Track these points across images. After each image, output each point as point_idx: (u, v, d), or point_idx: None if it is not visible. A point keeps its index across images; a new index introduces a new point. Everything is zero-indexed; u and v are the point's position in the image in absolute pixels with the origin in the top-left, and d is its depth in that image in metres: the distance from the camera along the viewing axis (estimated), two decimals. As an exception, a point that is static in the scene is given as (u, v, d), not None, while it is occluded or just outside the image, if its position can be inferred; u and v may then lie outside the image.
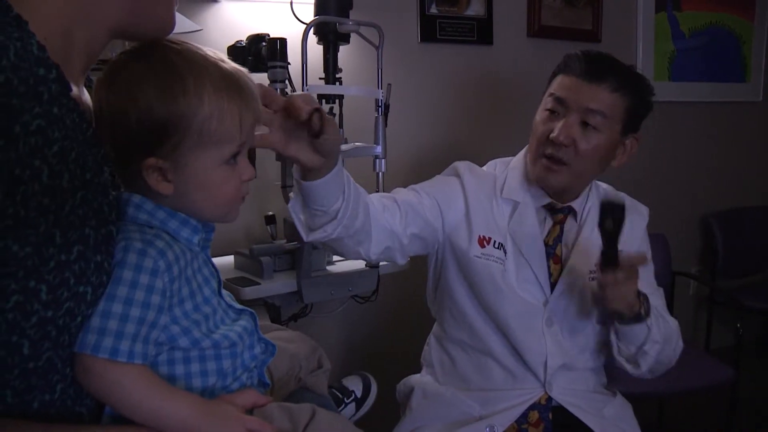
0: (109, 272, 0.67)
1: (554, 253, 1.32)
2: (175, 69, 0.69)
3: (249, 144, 0.75)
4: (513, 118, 2.28)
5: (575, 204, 1.34)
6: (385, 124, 1.58)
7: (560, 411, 1.30)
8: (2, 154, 0.54)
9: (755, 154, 3.13)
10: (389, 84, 1.57)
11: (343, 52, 1.62)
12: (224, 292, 0.81)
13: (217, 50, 0.75)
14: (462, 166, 1.37)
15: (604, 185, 1.44)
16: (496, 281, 1.28)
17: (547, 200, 1.32)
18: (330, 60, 1.57)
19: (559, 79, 1.29)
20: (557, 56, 1.35)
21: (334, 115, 1.60)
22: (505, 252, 1.30)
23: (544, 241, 1.32)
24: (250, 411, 0.77)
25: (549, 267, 1.31)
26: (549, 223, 1.34)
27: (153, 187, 0.71)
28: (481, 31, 2.28)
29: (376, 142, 1.57)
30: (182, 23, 1.54)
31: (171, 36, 0.75)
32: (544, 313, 1.29)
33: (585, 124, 1.24)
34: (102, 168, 0.68)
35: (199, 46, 0.74)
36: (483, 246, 1.30)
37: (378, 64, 1.56)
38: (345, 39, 1.58)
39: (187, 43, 0.73)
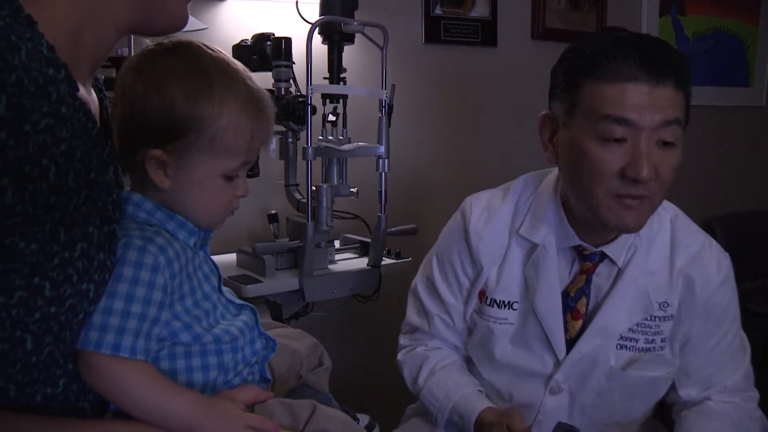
0: (112, 270, 0.67)
1: (575, 306, 1.10)
2: (207, 74, 0.71)
3: (251, 164, 0.76)
4: (516, 120, 2.28)
5: (610, 249, 1.08)
6: (389, 125, 1.58)
7: None
8: (12, 152, 0.55)
9: (759, 159, 3.12)
10: (393, 84, 1.58)
11: (348, 52, 1.62)
12: (224, 288, 0.82)
13: (223, 49, 0.76)
14: (473, 217, 1.17)
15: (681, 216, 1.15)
16: (488, 346, 1.15)
17: (577, 242, 1.08)
18: (334, 60, 1.58)
19: (597, 89, 0.94)
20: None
21: (338, 114, 1.60)
22: (511, 306, 1.13)
23: (566, 290, 1.10)
24: (251, 407, 0.77)
25: (565, 322, 1.10)
26: (576, 268, 1.11)
27: (151, 176, 0.72)
28: (486, 33, 2.28)
29: (380, 142, 1.57)
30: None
31: (171, 36, 0.75)
32: (548, 381, 1.11)
33: (662, 143, 0.95)
34: (106, 167, 0.68)
35: (232, 59, 0.75)
36: (480, 300, 1.16)
37: (382, 65, 1.57)
38: (350, 39, 1.58)
39: (221, 51, 0.74)
